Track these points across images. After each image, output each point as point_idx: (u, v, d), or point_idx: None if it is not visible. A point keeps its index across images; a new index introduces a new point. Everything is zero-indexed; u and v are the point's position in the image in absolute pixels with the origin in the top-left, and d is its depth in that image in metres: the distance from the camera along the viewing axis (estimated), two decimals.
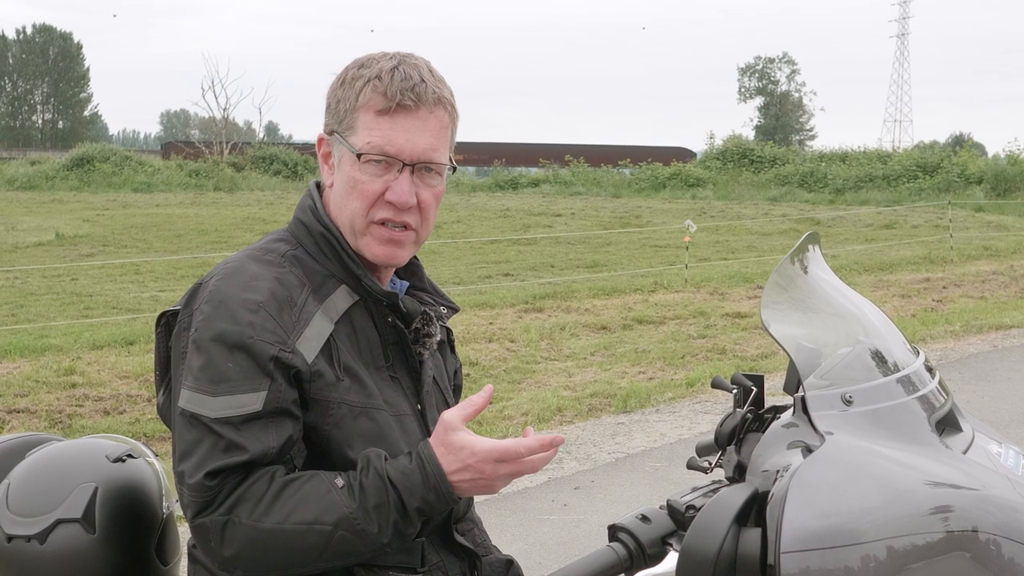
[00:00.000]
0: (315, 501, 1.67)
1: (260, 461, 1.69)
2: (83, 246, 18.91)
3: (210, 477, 1.67)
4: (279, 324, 1.73)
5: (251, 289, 1.75)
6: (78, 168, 38.41)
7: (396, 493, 1.68)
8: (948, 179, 34.07)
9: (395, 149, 1.79)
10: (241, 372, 1.69)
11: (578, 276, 14.94)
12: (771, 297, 1.85)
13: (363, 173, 1.80)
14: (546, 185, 39.53)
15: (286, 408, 1.71)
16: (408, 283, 1.99)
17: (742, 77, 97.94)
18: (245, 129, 68.04)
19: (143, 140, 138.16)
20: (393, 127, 1.79)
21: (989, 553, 1.51)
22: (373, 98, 1.79)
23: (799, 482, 1.52)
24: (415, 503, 1.69)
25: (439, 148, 1.82)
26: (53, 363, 8.74)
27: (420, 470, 1.70)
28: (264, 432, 1.69)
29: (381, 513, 1.68)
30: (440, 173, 1.85)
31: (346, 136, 1.82)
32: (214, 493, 1.67)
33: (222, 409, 1.68)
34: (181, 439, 1.71)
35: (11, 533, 1.79)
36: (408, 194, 1.80)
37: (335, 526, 1.66)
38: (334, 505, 1.67)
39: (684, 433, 7.12)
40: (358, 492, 1.68)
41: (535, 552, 4.99)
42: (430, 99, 1.80)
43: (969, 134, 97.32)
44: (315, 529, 1.66)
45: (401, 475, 1.70)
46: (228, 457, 1.67)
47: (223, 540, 1.67)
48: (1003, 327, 11.14)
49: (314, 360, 1.75)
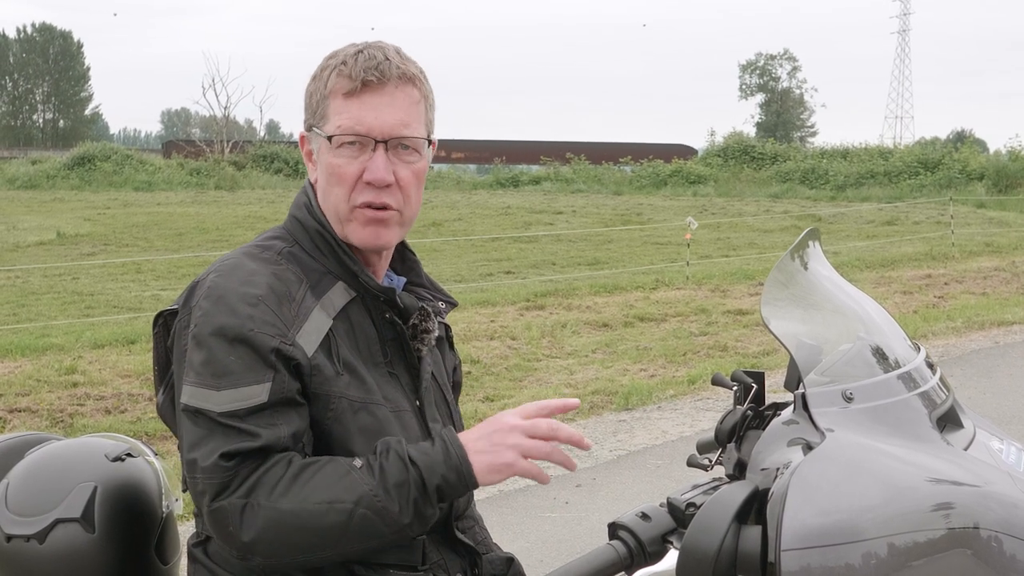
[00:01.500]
0: (335, 481, 1.66)
1: (274, 447, 1.68)
2: (84, 245, 18.92)
3: (226, 458, 1.65)
4: (279, 317, 1.73)
5: (249, 284, 1.74)
6: (79, 167, 38.43)
7: (416, 470, 1.67)
8: (949, 175, 34.07)
9: (365, 128, 1.79)
10: (244, 365, 1.68)
11: (579, 274, 14.94)
12: (771, 294, 1.85)
13: (338, 157, 1.80)
14: (547, 183, 39.55)
15: (292, 398, 1.71)
16: (405, 279, 1.98)
17: (743, 74, 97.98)
18: (246, 128, 68.03)
19: (144, 139, 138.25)
20: (361, 107, 1.79)
21: (990, 550, 1.51)
22: (339, 82, 1.80)
23: (800, 479, 1.51)
24: (435, 480, 1.68)
25: (411, 123, 1.82)
26: (54, 362, 8.74)
27: (443, 449, 1.69)
28: (273, 421, 1.68)
29: (401, 492, 1.66)
30: (418, 150, 1.84)
31: (321, 126, 1.82)
32: (231, 475, 1.65)
33: (227, 403, 1.67)
34: (188, 435, 1.70)
35: (10, 533, 1.78)
36: (384, 171, 1.79)
37: (356, 504, 1.65)
38: (354, 484, 1.66)
39: (685, 430, 7.12)
40: (378, 472, 1.67)
41: (536, 550, 4.99)
42: (394, 75, 1.80)
43: (970, 130, 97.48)
44: (336, 508, 1.65)
45: (422, 454, 1.69)
46: (241, 442, 1.66)
47: (242, 523, 1.65)
48: (1005, 323, 11.13)
49: (314, 354, 1.74)
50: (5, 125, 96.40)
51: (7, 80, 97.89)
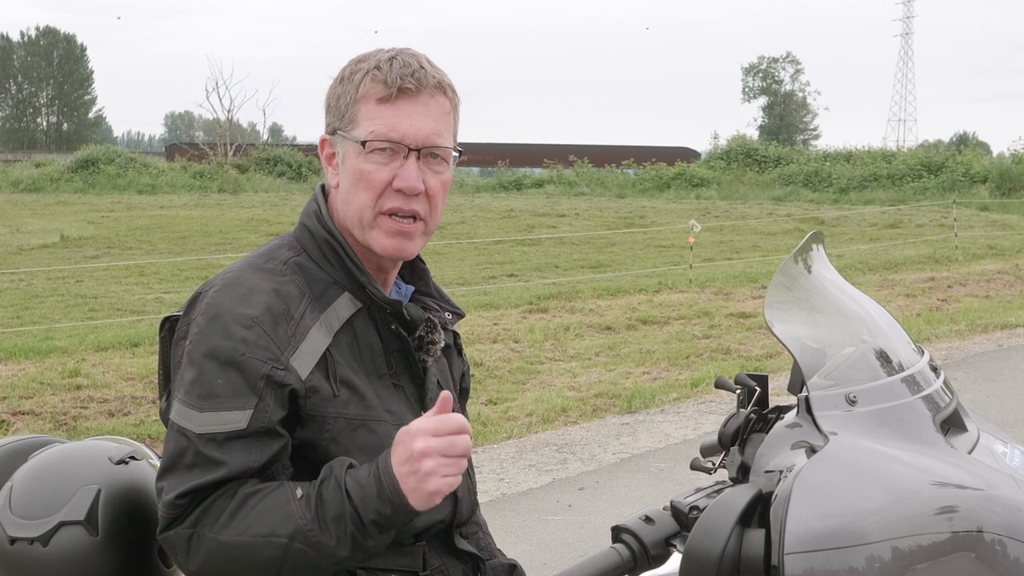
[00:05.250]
0: (273, 513, 1.65)
1: (238, 478, 1.68)
2: (88, 248, 18.93)
3: (181, 497, 1.67)
4: (272, 340, 1.72)
5: (247, 303, 1.73)
6: (83, 170, 38.46)
7: (352, 506, 1.64)
8: (953, 178, 34.02)
9: (399, 135, 1.77)
10: (230, 389, 1.68)
11: (582, 276, 14.93)
12: (775, 297, 1.85)
13: (369, 163, 1.78)
14: (550, 186, 39.52)
15: (271, 428, 1.70)
16: (413, 288, 1.96)
17: (746, 77, 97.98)
18: (249, 131, 68.07)
19: (147, 142, 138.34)
20: (396, 113, 1.77)
21: (994, 553, 1.51)
22: (373, 87, 1.77)
23: (803, 483, 1.51)
24: (370, 516, 1.64)
25: (443, 133, 1.81)
26: (58, 365, 8.75)
27: (376, 482, 1.64)
28: (247, 450, 1.68)
29: (339, 525, 1.64)
30: (446, 160, 1.83)
31: (349, 130, 1.80)
32: (182, 510, 1.67)
33: (206, 425, 1.67)
34: (167, 449, 1.71)
35: (14, 535, 1.78)
36: (416, 179, 1.78)
37: (290, 539, 1.64)
38: (290, 517, 1.64)
39: (688, 433, 7.12)
40: (315, 504, 1.65)
41: (539, 553, 4.98)
42: (431, 84, 1.79)
43: (974, 133, 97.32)
44: (272, 542, 1.64)
45: (358, 486, 1.65)
46: (204, 475, 1.66)
47: (188, 553, 1.67)
48: (1008, 326, 11.12)
49: (309, 376, 1.73)
50: (9, 128, 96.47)
51: (11, 83, 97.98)
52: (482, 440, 6.91)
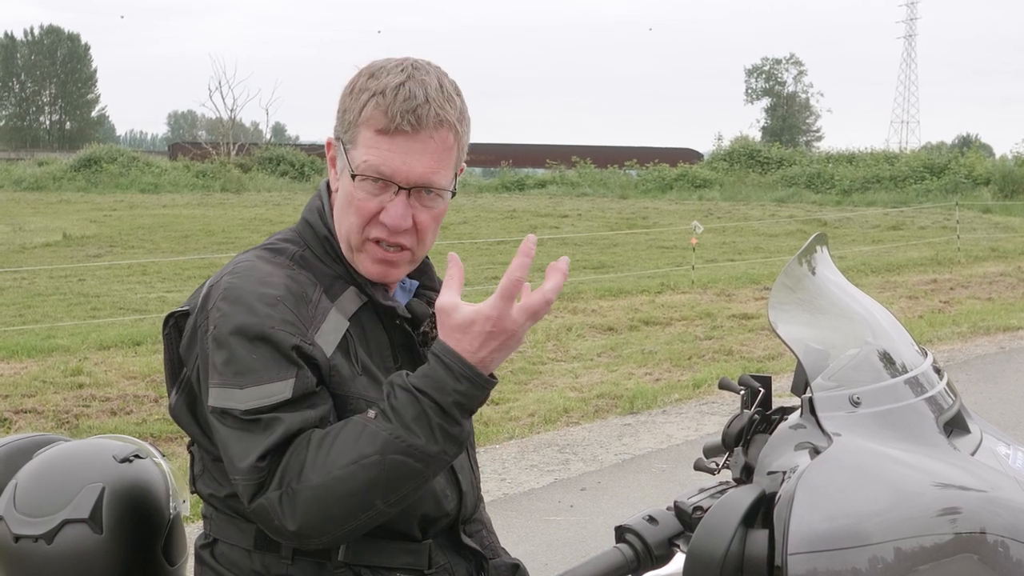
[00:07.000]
0: (354, 440, 1.64)
1: (300, 431, 1.67)
2: (90, 247, 18.95)
3: (262, 459, 1.65)
4: (298, 317, 1.72)
5: (267, 284, 1.74)
6: (85, 169, 38.51)
7: (428, 398, 1.64)
8: (955, 180, 34.02)
9: (390, 171, 1.76)
10: (265, 362, 1.68)
11: (585, 277, 14.93)
12: (779, 298, 1.85)
13: (359, 191, 1.78)
14: (553, 186, 39.55)
15: (315, 391, 1.70)
16: (418, 282, 1.97)
17: (749, 78, 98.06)
18: (252, 130, 68.17)
19: (150, 141, 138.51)
20: (391, 148, 1.75)
21: (997, 555, 1.51)
22: (374, 116, 1.75)
23: (806, 483, 1.51)
24: (450, 398, 1.64)
25: (439, 171, 1.79)
26: (60, 363, 8.76)
27: (441, 366, 1.64)
28: (299, 412, 1.68)
29: (421, 423, 1.63)
30: (441, 195, 1.81)
31: (348, 149, 1.79)
32: (266, 474, 1.65)
33: (250, 400, 1.66)
34: (219, 436, 1.70)
35: (18, 533, 1.79)
36: (401, 218, 1.77)
37: (382, 453, 1.62)
38: (375, 435, 1.63)
39: (691, 434, 7.12)
40: (391, 414, 1.64)
41: (541, 553, 4.98)
42: (431, 122, 1.75)
43: (976, 135, 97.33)
44: (364, 464, 1.62)
45: (425, 379, 1.65)
46: (269, 437, 1.65)
47: (284, 514, 1.64)
48: (1010, 328, 11.12)
49: (332, 354, 1.74)
50: (12, 127, 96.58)
51: (14, 82, 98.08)
52: (484, 440, 6.92)
